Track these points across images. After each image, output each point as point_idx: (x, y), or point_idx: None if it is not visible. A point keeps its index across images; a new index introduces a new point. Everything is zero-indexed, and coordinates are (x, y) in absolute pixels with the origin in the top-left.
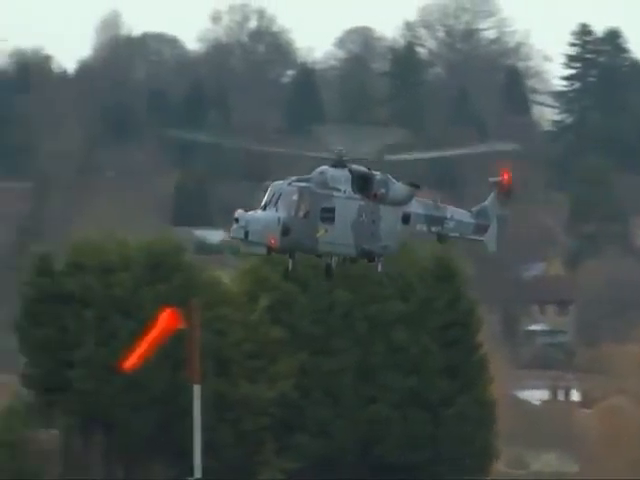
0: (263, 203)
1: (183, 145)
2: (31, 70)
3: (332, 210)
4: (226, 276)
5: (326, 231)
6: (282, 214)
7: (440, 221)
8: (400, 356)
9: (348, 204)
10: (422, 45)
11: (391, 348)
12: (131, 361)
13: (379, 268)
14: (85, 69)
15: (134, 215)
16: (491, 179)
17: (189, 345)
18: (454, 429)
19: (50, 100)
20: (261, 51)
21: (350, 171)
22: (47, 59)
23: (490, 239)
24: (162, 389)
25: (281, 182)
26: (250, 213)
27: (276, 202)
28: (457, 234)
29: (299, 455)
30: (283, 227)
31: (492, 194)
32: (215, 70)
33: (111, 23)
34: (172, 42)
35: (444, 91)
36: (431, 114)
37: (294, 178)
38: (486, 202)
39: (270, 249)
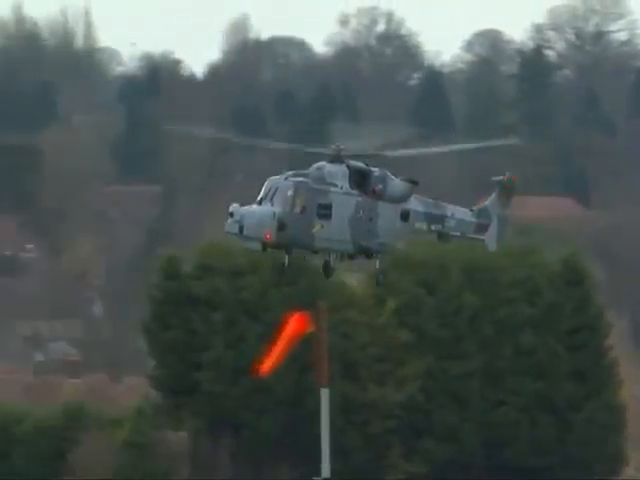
0: (259, 198)
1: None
2: (161, 74)
3: (329, 206)
4: (352, 279)
5: (322, 227)
6: (277, 209)
7: (440, 219)
8: (527, 360)
9: (345, 200)
10: (551, 47)
11: (518, 352)
12: (266, 366)
13: (377, 265)
14: (214, 73)
15: None
16: (494, 178)
17: (316, 348)
18: (583, 433)
19: (179, 104)
20: (389, 54)
21: (348, 167)
22: (176, 63)
23: (491, 238)
24: (289, 392)
25: (277, 177)
26: (245, 208)
27: (272, 197)
28: (458, 233)
29: (426, 459)
30: (278, 222)
31: (494, 193)
32: (343, 73)
33: (240, 27)
34: (300, 45)
35: (572, 93)
36: (559, 116)
37: (290, 173)
38: (487, 201)
39: (265, 244)
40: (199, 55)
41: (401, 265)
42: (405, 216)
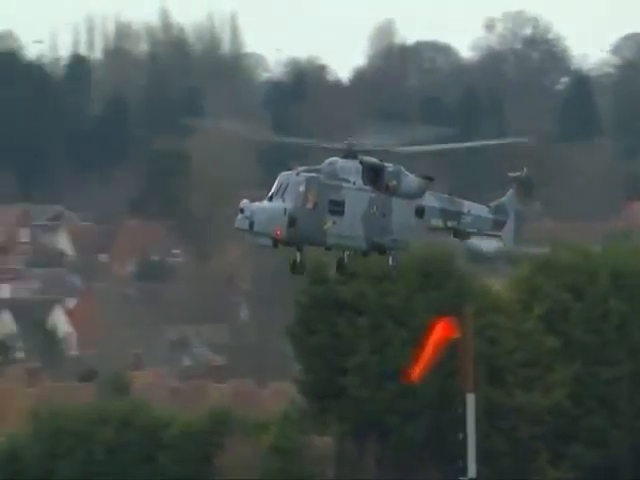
0: (270, 194)
1: (458, 153)
2: (306, 79)
3: (341, 202)
4: (498, 284)
5: (334, 223)
6: (289, 205)
7: (456, 216)
8: None
9: (358, 196)
10: None
11: None
12: (415, 372)
13: (390, 262)
14: (359, 78)
15: None
16: (511, 174)
17: (462, 353)
18: None
19: (324, 109)
20: (535, 58)
21: (361, 162)
22: (322, 68)
23: (508, 235)
24: (434, 396)
25: (289, 172)
26: (256, 204)
27: (283, 193)
28: (475, 230)
29: (574, 465)
30: (289, 218)
31: (511, 190)
32: (489, 78)
33: (385, 32)
34: (445, 50)
35: None
36: None
37: (302, 168)
38: (505, 197)
39: (276, 241)
40: (345, 60)
41: (547, 270)
42: (420, 212)
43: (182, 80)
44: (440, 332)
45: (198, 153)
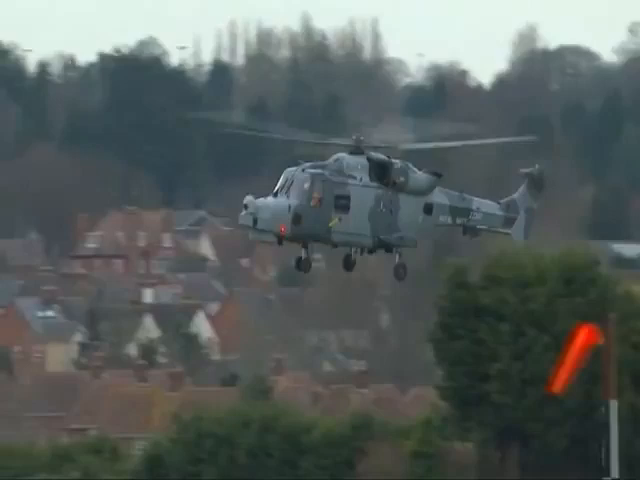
0: (275, 190)
1: (599, 157)
2: (447, 85)
3: (347, 198)
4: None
5: (340, 220)
6: (293, 201)
7: (466, 213)
8: None
9: (364, 192)
10: None
11: None
12: (559, 383)
13: (396, 259)
14: (501, 83)
15: (550, 228)
16: (523, 170)
17: (605, 360)
18: None
19: (466, 115)
20: None
21: (368, 158)
22: (463, 74)
23: (517, 232)
24: (578, 403)
25: (294, 168)
26: (260, 200)
27: (288, 189)
28: (485, 227)
29: None
30: (294, 215)
31: (523, 185)
32: (633, 82)
33: (527, 37)
34: (588, 55)
35: None
36: None
37: (308, 164)
38: (516, 194)
39: (280, 238)
40: (486, 65)
41: None
42: (428, 209)
43: (323, 85)
44: (583, 339)
45: None
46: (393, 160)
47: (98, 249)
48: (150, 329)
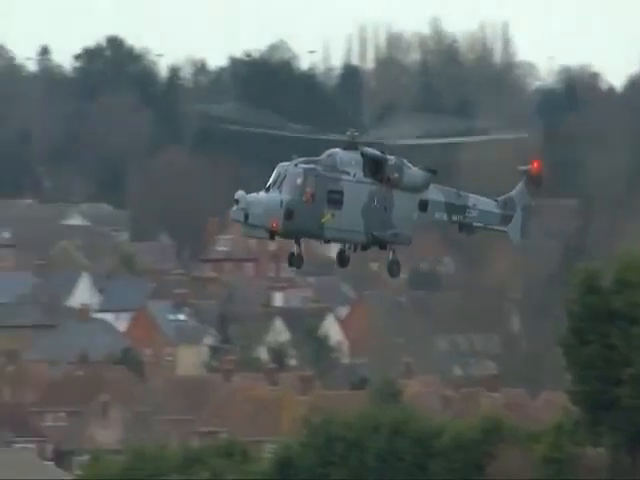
0: (267, 185)
1: None
2: (578, 87)
3: (340, 194)
4: None
5: (332, 216)
6: (285, 197)
7: (462, 210)
8: None
9: (358, 188)
10: None
11: None
12: None
13: (390, 256)
14: (633, 85)
15: None
16: (520, 167)
17: None
18: None
19: (597, 117)
20: None
21: (362, 154)
22: (594, 76)
23: (514, 230)
24: None
25: (287, 163)
26: (252, 195)
27: (280, 184)
28: (481, 224)
29: None
30: (286, 210)
31: (520, 183)
32: None
33: None
34: None
35: None
36: None
37: (301, 159)
38: (513, 191)
39: (272, 233)
40: (618, 68)
41: None
42: (423, 206)
43: (453, 89)
44: None
45: (467, 165)
46: (388, 156)
47: (229, 252)
48: (280, 332)
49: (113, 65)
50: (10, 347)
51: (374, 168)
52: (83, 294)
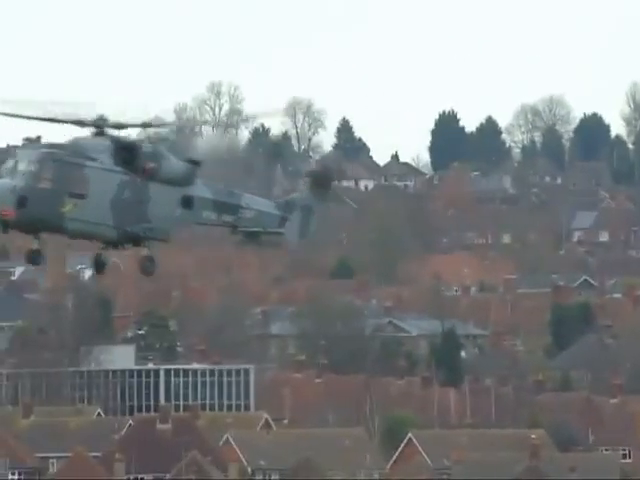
0: (2, 169)
1: None
2: None
3: (83, 182)
4: None
5: (75, 206)
6: (20, 182)
7: (233, 209)
8: None
9: (105, 177)
10: None
11: None
12: None
13: (144, 252)
14: None
15: None
16: (307, 169)
17: None
18: None
19: None
20: None
21: (112, 140)
22: None
23: (291, 232)
24: None
25: (26, 146)
26: None
27: (15, 169)
28: (257, 227)
29: None
30: (19, 197)
31: (306, 184)
32: None
33: None
34: None
35: None
36: None
37: (44, 144)
38: (297, 193)
39: (5, 224)
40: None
41: None
42: (187, 203)
43: None
44: None
45: None
46: (142, 144)
47: None
48: None
49: None
50: None
51: (126, 156)
52: None
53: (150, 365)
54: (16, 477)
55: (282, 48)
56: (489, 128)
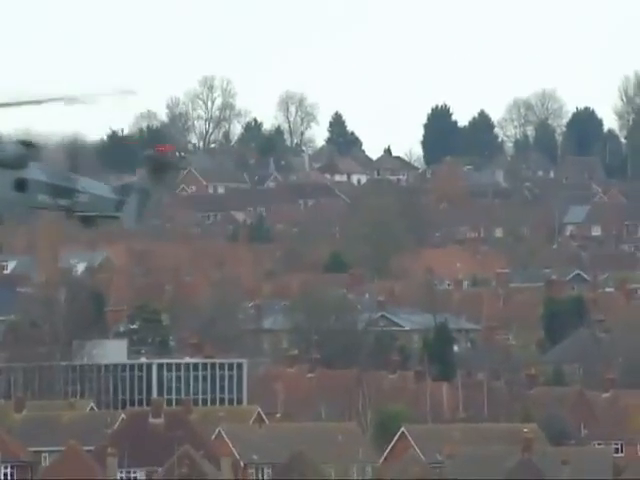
0: None
1: None
2: None
3: None
4: None
5: None
6: None
7: (69, 193)
8: None
9: None
10: None
11: None
12: None
13: None
14: None
15: None
16: (145, 152)
17: None
18: None
19: None
20: None
21: None
22: None
23: (128, 216)
24: None
25: None
26: None
27: None
28: (94, 211)
29: None
30: None
31: (144, 167)
32: None
33: None
34: None
35: None
36: None
37: None
38: (135, 177)
39: None
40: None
41: None
42: (21, 185)
43: None
44: None
45: None
46: None
47: None
48: None
49: None
50: None
51: None
52: None
53: (143, 359)
54: (8, 471)
55: (275, 43)
56: (482, 122)
